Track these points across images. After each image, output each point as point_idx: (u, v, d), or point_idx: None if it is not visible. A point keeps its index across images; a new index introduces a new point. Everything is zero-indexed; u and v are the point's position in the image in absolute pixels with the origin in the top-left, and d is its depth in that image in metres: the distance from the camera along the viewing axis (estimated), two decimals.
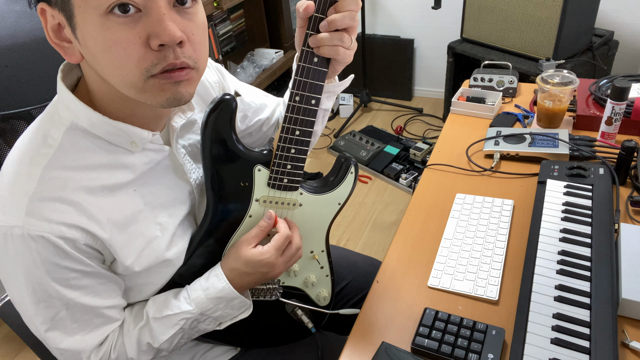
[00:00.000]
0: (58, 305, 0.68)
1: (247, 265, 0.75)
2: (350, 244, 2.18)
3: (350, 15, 0.67)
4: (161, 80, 0.62)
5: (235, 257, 0.76)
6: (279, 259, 0.76)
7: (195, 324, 0.77)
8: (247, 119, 0.96)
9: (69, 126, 0.67)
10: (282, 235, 0.76)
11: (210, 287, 0.76)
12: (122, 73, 0.61)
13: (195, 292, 0.76)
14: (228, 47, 2.85)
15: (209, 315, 0.76)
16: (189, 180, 0.78)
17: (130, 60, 0.60)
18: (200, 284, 0.76)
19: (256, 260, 0.74)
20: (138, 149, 0.71)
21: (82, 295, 0.69)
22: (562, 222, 0.91)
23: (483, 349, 0.72)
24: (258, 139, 1.00)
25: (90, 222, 0.66)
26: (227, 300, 0.76)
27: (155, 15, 0.58)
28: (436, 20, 2.93)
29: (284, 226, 0.77)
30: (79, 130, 0.67)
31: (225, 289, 0.75)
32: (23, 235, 0.63)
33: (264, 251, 0.75)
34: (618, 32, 2.41)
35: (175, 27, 0.59)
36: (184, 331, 0.77)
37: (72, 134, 0.67)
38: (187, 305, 0.75)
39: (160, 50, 0.60)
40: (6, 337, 1.84)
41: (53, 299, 0.67)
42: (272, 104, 1.01)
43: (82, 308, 0.70)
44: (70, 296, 0.68)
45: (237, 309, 0.79)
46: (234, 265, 0.76)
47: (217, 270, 0.77)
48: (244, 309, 0.79)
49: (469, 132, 1.28)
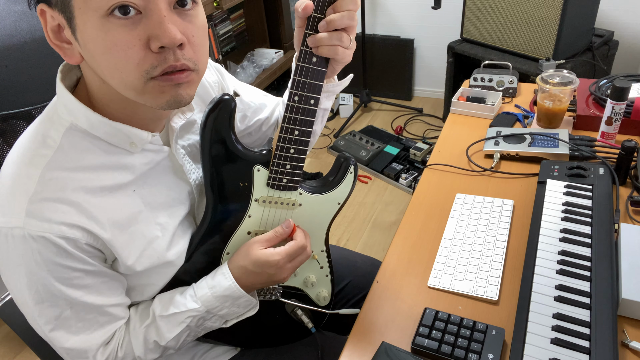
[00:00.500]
0: (62, 305, 0.68)
1: (255, 265, 0.75)
2: (350, 244, 2.18)
3: (349, 15, 0.67)
4: (161, 83, 0.62)
5: (245, 255, 0.76)
6: (287, 264, 0.76)
7: (201, 321, 0.77)
8: (247, 118, 0.96)
9: (68, 127, 0.67)
10: (298, 243, 0.76)
11: (216, 285, 0.76)
12: (122, 75, 0.61)
13: (201, 290, 0.76)
14: (228, 47, 2.85)
15: (215, 313, 0.77)
16: (189, 180, 0.78)
17: (130, 62, 0.60)
18: (207, 282, 0.77)
19: (265, 260, 0.74)
20: (137, 149, 0.71)
21: (86, 294, 0.69)
22: (562, 222, 0.91)
23: (483, 349, 0.72)
24: (257, 139, 1.00)
25: (90, 222, 0.66)
26: (234, 298, 0.76)
27: (155, 17, 0.58)
28: (436, 20, 2.93)
29: (301, 236, 0.78)
30: (78, 131, 0.67)
31: (231, 287, 0.75)
32: (24, 236, 0.63)
33: (274, 253, 0.75)
34: (618, 32, 2.41)
35: (176, 29, 0.59)
36: (191, 329, 0.77)
37: (72, 135, 0.67)
38: (194, 303, 0.75)
39: (161, 52, 0.60)
40: (6, 337, 1.84)
41: (57, 299, 0.68)
42: (272, 103, 1.01)
43: (86, 307, 0.70)
44: (74, 295, 0.68)
45: (244, 308, 0.79)
46: (242, 262, 0.76)
47: (224, 268, 0.77)
48: (250, 307, 0.79)
49: (469, 132, 1.28)
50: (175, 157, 0.76)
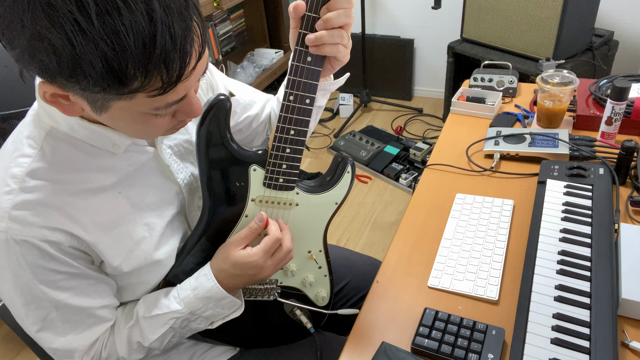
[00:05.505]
0: (47, 307, 0.69)
1: (234, 267, 0.74)
2: (350, 244, 2.18)
3: (345, 13, 0.67)
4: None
5: (224, 257, 0.75)
6: (267, 262, 0.75)
7: (185, 323, 0.77)
8: (236, 115, 0.95)
9: (49, 130, 0.67)
10: (271, 237, 0.75)
11: (199, 286, 0.75)
12: (142, 137, 0.68)
13: (184, 291, 0.76)
14: (228, 47, 2.85)
15: (199, 314, 0.76)
16: (176, 180, 0.78)
17: (158, 132, 0.66)
18: (190, 284, 0.76)
19: (244, 261, 0.74)
20: (120, 150, 0.70)
21: (72, 297, 0.69)
22: (562, 222, 0.90)
23: (483, 349, 0.72)
24: (248, 136, 1.00)
25: (73, 225, 0.66)
26: (216, 300, 0.76)
27: (187, 100, 0.62)
28: (436, 20, 2.93)
29: (275, 228, 0.76)
30: (59, 134, 0.67)
31: (213, 289, 0.75)
32: (7, 240, 0.63)
33: (251, 253, 0.74)
34: (618, 32, 2.41)
35: (200, 104, 0.65)
36: (175, 330, 0.77)
37: (53, 138, 0.67)
38: (177, 304, 0.75)
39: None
40: (6, 337, 1.84)
41: (42, 301, 0.68)
42: (261, 100, 1.01)
43: (73, 309, 0.70)
44: (59, 298, 0.68)
45: (228, 309, 0.78)
46: (222, 265, 0.75)
47: (206, 269, 0.77)
48: (235, 308, 0.79)
49: (469, 132, 1.28)
50: (161, 158, 0.76)
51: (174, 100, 0.59)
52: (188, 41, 0.54)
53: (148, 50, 0.51)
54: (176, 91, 0.57)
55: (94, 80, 0.51)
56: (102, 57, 0.50)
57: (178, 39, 0.52)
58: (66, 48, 0.49)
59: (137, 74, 0.52)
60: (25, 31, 0.49)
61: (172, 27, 0.51)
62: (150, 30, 0.50)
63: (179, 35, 0.52)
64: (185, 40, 0.53)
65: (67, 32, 0.48)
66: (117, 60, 0.50)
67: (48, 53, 0.50)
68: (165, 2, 0.51)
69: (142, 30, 0.50)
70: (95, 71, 0.50)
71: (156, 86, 0.54)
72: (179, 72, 0.54)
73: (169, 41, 0.51)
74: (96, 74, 0.51)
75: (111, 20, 0.48)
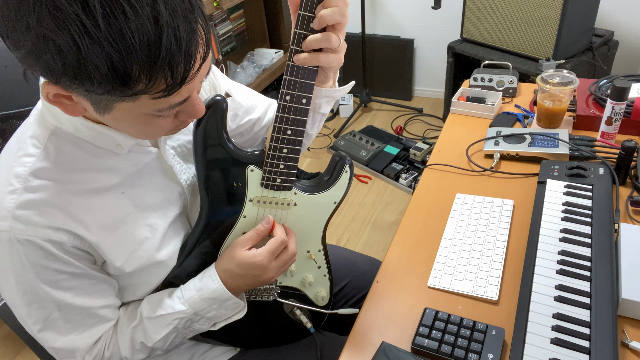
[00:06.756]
0: (50, 307, 0.69)
1: (239, 267, 0.74)
2: (350, 244, 2.18)
3: (339, 11, 0.65)
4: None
5: (229, 258, 0.76)
6: (272, 263, 0.76)
7: (189, 323, 0.77)
8: (238, 117, 0.95)
9: (53, 130, 0.67)
10: (277, 239, 0.75)
11: (203, 287, 0.75)
12: (145, 137, 0.68)
13: (189, 292, 0.76)
14: (228, 47, 2.85)
15: (202, 315, 0.76)
16: (179, 181, 0.78)
17: (161, 132, 0.66)
18: (194, 284, 0.76)
19: (248, 262, 0.74)
20: (124, 151, 0.70)
21: (74, 296, 0.70)
22: (562, 222, 0.90)
23: (483, 349, 0.72)
24: (249, 139, 1.00)
25: (76, 225, 0.66)
26: (221, 301, 0.76)
27: (189, 101, 0.62)
28: (436, 20, 2.93)
29: (281, 231, 0.77)
30: (63, 134, 0.67)
31: (218, 290, 0.75)
32: (10, 239, 0.63)
33: (256, 254, 0.74)
34: (618, 32, 2.41)
35: (202, 104, 0.65)
36: (178, 330, 0.77)
37: (57, 138, 0.67)
38: (181, 305, 0.75)
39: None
40: (6, 337, 1.84)
41: (44, 301, 0.68)
42: (264, 104, 1.01)
43: (75, 309, 0.70)
44: (61, 297, 0.68)
45: (231, 310, 0.78)
46: (227, 266, 0.76)
47: (211, 270, 0.77)
48: (238, 310, 0.79)
49: (469, 132, 1.28)
50: (164, 158, 0.76)
51: (177, 101, 0.59)
52: (193, 44, 0.54)
53: (153, 53, 0.51)
54: (180, 93, 0.57)
55: (99, 82, 0.51)
56: (107, 60, 0.49)
57: (183, 42, 0.52)
58: (71, 50, 0.49)
59: (141, 77, 0.52)
60: (31, 33, 0.49)
61: (178, 30, 0.51)
62: (156, 33, 0.50)
63: (184, 39, 0.52)
64: (191, 44, 0.53)
65: (73, 34, 0.48)
66: (122, 62, 0.50)
67: (53, 55, 0.50)
68: (172, 5, 0.51)
69: (148, 33, 0.50)
70: (100, 73, 0.50)
71: (160, 88, 0.54)
72: (183, 74, 0.54)
73: (174, 44, 0.51)
74: (101, 76, 0.51)
75: (117, 22, 0.48)
